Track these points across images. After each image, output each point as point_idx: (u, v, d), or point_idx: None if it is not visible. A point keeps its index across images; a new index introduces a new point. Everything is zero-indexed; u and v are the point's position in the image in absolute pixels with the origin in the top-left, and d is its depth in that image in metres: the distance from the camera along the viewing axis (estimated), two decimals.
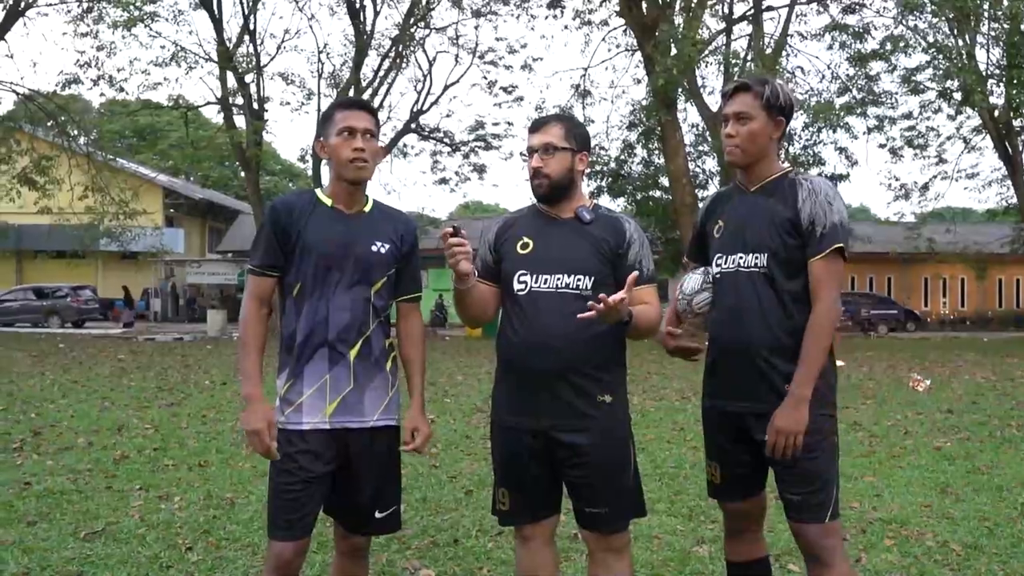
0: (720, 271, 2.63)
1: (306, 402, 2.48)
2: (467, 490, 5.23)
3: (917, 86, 25.75)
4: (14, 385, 10.68)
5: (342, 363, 2.49)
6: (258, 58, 23.52)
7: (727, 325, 2.59)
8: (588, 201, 2.66)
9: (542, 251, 2.57)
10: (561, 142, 2.58)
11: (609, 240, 2.56)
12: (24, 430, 7.19)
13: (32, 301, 29.58)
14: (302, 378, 2.49)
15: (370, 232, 2.57)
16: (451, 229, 2.42)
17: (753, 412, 2.53)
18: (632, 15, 21.50)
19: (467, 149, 27.63)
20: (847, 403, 9.53)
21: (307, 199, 2.59)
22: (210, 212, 40.83)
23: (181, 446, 6.57)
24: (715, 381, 2.68)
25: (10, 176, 24.36)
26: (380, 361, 2.56)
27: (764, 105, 2.52)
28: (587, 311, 2.44)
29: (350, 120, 2.53)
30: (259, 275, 2.55)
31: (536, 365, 2.49)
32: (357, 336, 2.51)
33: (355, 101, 2.67)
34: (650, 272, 2.60)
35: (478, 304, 2.62)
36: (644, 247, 2.61)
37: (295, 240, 2.51)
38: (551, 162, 2.57)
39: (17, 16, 23.82)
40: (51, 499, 4.87)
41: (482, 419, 8.12)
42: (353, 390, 2.50)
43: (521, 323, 2.53)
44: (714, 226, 2.70)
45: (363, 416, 2.52)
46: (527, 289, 2.54)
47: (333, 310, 2.48)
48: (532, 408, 2.50)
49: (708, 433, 2.76)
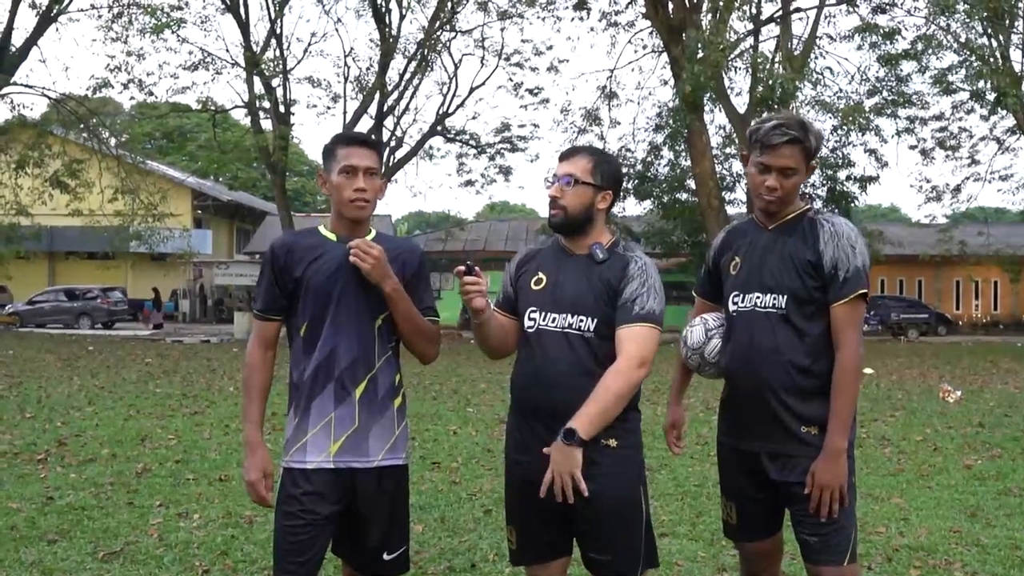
0: (736, 309, 2.58)
1: (311, 440, 2.45)
2: (486, 509, 5.18)
3: (949, 86, 25.39)
4: (43, 391, 10.81)
5: (347, 402, 2.46)
6: (284, 62, 23.65)
7: (742, 364, 2.55)
8: (608, 239, 2.56)
9: (553, 289, 2.52)
10: (585, 176, 2.50)
11: (612, 280, 2.47)
12: (50, 440, 7.26)
13: (63, 302, 30.00)
14: (308, 416, 2.46)
15: None
16: (464, 268, 2.39)
17: (767, 452, 2.51)
18: (659, 17, 21.32)
19: (493, 151, 27.63)
20: (876, 414, 9.40)
21: (307, 236, 2.57)
22: (238, 214, 41.20)
23: (203, 458, 6.59)
24: (729, 418, 2.65)
25: (42, 179, 24.74)
26: (386, 400, 2.52)
27: (807, 157, 2.49)
28: (590, 351, 2.42)
29: (352, 158, 2.48)
30: (262, 319, 2.54)
31: (540, 404, 2.45)
32: (363, 373, 2.47)
33: (357, 137, 2.60)
34: (643, 310, 2.41)
35: (496, 336, 2.58)
36: (646, 286, 2.44)
37: (298, 279, 2.48)
38: (570, 195, 2.50)
39: (49, 22, 24.15)
40: (72, 515, 4.89)
41: (504, 431, 8.06)
42: (357, 430, 2.46)
43: (528, 359, 2.51)
44: (730, 262, 2.64)
45: (368, 456, 2.47)
46: (535, 326, 2.50)
47: (340, 347, 2.45)
48: (537, 447, 2.43)
49: (723, 470, 2.71)
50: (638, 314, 2.42)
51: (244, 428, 2.52)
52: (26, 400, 9.84)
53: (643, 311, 2.42)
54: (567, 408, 2.37)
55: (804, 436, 2.46)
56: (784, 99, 19.24)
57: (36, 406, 9.37)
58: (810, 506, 2.41)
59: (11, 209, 24.85)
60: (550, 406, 2.42)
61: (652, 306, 2.43)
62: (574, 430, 2.29)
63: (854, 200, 26.40)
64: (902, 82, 23.61)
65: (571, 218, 2.51)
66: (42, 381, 11.98)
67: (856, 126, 20.29)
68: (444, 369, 13.97)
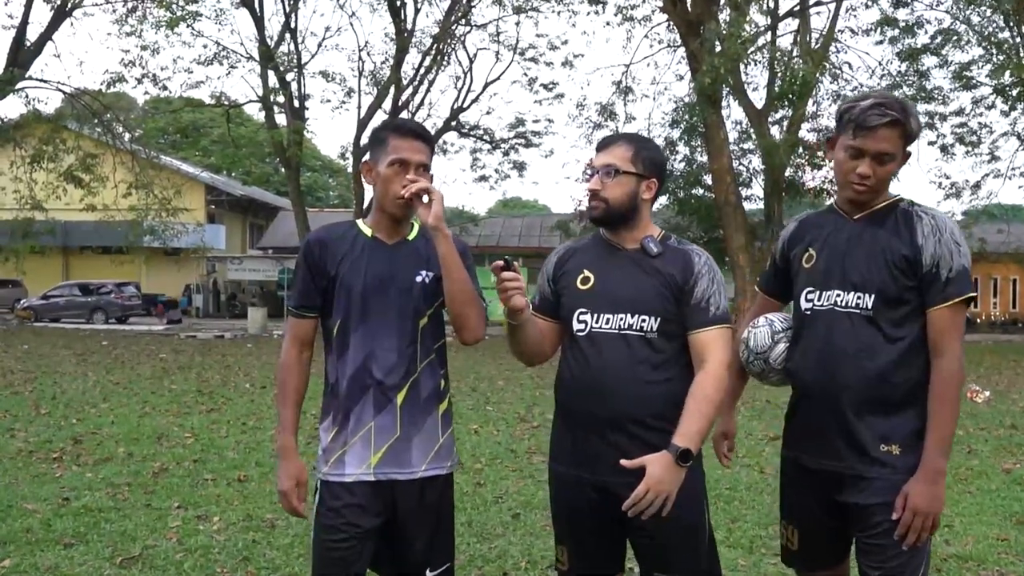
0: (811, 308, 2.32)
1: (350, 452, 2.29)
2: (514, 513, 5.02)
3: (969, 81, 25.05)
4: (58, 387, 10.71)
5: (388, 408, 2.28)
6: (299, 56, 23.54)
7: (815, 370, 2.29)
8: (657, 231, 2.39)
9: (604, 287, 2.32)
10: (626, 165, 2.32)
11: (676, 275, 2.29)
12: (65, 437, 7.14)
13: (78, 297, 30.00)
14: (347, 426, 2.30)
15: (413, 261, 2.36)
16: (502, 262, 2.19)
17: (840, 471, 2.25)
18: (676, 11, 21.09)
19: (507, 146, 27.46)
20: None
21: (343, 231, 2.39)
22: (251, 209, 41.17)
23: (220, 457, 6.45)
24: (797, 430, 2.40)
25: (57, 174, 24.73)
26: (430, 405, 2.35)
27: (905, 142, 2.25)
28: (652, 353, 2.24)
29: (404, 151, 2.29)
30: (297, 316, 2.38)
31: (594, 412, 2.25)
32: (404, 378, 2.30)
33: (412, 128, 2.36)
34: (719, 311, 2.29)
35: (533, 341, 2.38)
36: (715, 283, 2.30)
37: (333, 277, 2.32)
38: (611, 186, 2.31)
39: (64, 16, 24.11)
40: (89, 517, 4.76)
41: (526, 430, 7.92)
42: (400, 439, 2.29)
43: (579, 365, 2.30)
44: (803, 255, 2.38)
45: (411, 467, 2.30)
46: (587, 329, 2.30)
47: (378, 350, 2.28)
48: (592, 459, 2.26)
49: (786, 489, 2.47)
50: (715, 316, 2.27)
51: (278, 434, 2.38)
52: (41, 396, 9.74)
53: (719, 312, 2.28)
54: (628, 416, 2.21)
55: (883, 456, 2.21)
56: (803, 93, 19.01)
57: (51, 402, 9.27)
58: (897, 531, 2.16)
59: (26, 204, 24.84)
60: (609, 415, 2.24)
61: (724, 304, 2.31)
62: (689, 451, 2.13)
63: None
64: (923, 77, 23.30)
65: (614, 211, 2.32)
66: (56, 377, 11.90)
67: None
68: (461, 366, 13.82)
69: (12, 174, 24.30)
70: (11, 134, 24.75)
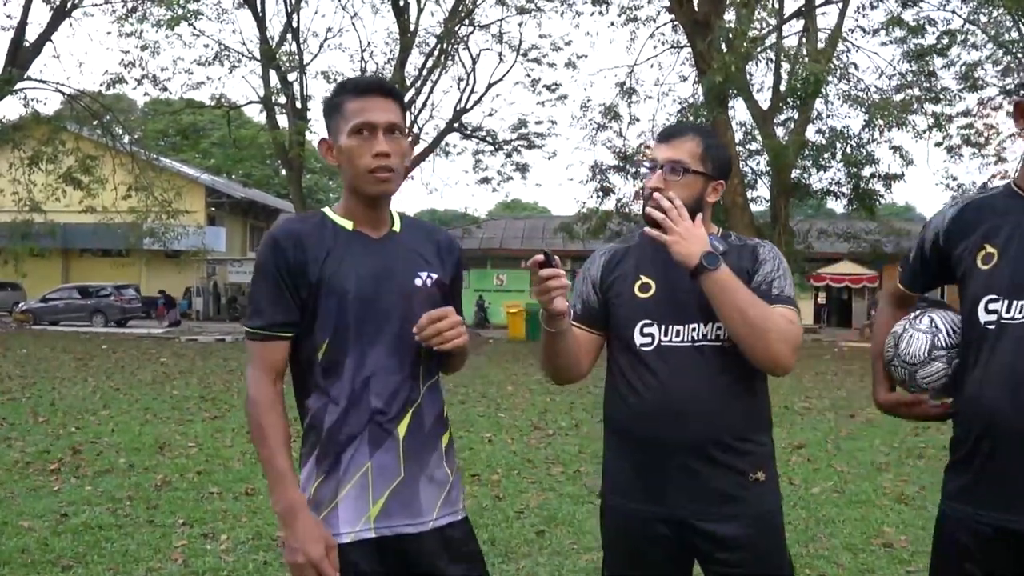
0: (997, 321, 1.81)
1: (343, 503, 1.80)
2: (538, 530, 4.75)
3: (976, 82, 24.83)
4: (56, 392, 10.44)
5: (388, 444, 1.81)
6: (301, 56, 23.31)
7: (1009, 399, 1.76)
8: (715, 228, 2.11)
9: (669, 294, 2.01)
10: (695, 163, 2.01)
11: (747, 268, 2.01)
12: (64, 447, 6.87)
13: (77, 300, 29.71)
14: (336, 470, 1.81)
15: (409, 259, 1.91)
16: (542, 257, 1.81)
17: None
18: (682, 10, 20.87)
19: (510, 148, 27.24)
20: (937, 424, 8.90)
21: (315, 223, 1.88)
22: (251, 211, 40.91)
23: (226, 469, 6.18)
24: (978, 479, 1.83)
25: (56, 175, 24.48)
26: (433, 437, 1.90)
27: None
28: (730, 364, 1.95)
29: (368, 112, 1.81)
30: (267, 339, 1.82)
31: (670, 438, 1.95)
32: (406, 406, 1.84)
33: (371, 83, 1.88)
34: (783, 293, 1.98)
35: (570, 354, 2.03)
36: (780, 268, 2.02)
37: (316, 283, 1.81)
38: (676, 186, 1.99)
39: (63, 16, 23.88)
40: (88, 536, 4.48)
41: (541, 439, 7.65)
42: (405, 481, 1.83)
43: (647, 386, 1.98)
44: (977, 251, 1.87)
45: (421, 516, 1.85)
46: (654, 343, 1.99)
47: (375, 372, 1.82)
48: (665, 492, 1.97)
49: (949, 555, 1.89)
50: (778, 296, 1.97)
51: (273, 491, 1.78)
52: (39, 403, 9.46)
53: (782, 294, 1.98)
54: (711, 439, 1.95)
55: None
56: (813, 92, 18.75)
57: (49, 409, 8.99)
58: None
59: (24, 206, 24.60)
60: (689, 439, 1.95)
61: (790, 291, 2.00)
62: (716, 256, 1.90)
63: (879, 198, 25.84)
64: (932, 76, 23.09)
65: None
66: (55, 382, 11.62)
67: (893, 120, 19.74)
68: (466, 371, 13.55)
69: (11, 176, 24.05)
70: (10, 135, 24.51)
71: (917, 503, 5.44)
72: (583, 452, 7.01)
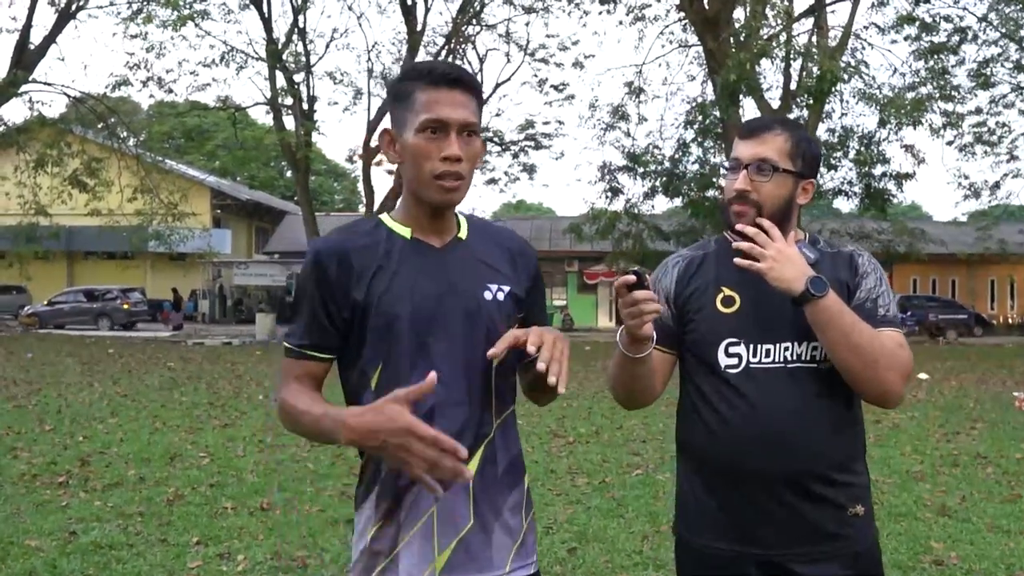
0: None
1: (404, 552, 1.57)
2: (570, 547, 4.53)
3: (988, 80, 24.58)
4: (63, 399, 10.24)
5: (456, 487, 1.53)
6: (307, 57, 23.13)
7: None
8: (803, 234, 1.89)
9: (756, 309, 1.79)
10: (784, 160, 1.79)
11: (846, 281, 1.80)
12: (72, 458, 6.66)
13: (83, 303, 29.56)
14: (397, 514, 1.58)
15: (477, 270, 1.65)
16: (632, 276, 1.59)
17: None
18: (692, 8, 20.64)
19: (517, 148, 27.04)
20: (957, 427, 8.69)
21: (367, 233, 1.64)
22: (257, 213, 40.79)
23: (239, 481, 5.97)
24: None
25: (61, 178, 24.36)
26: (509, 477, 1.65)
27: None
28: (828, 389, 1.74)
29: (442, 107, 1.55)
30: (300, 357, 1.62)
31: (763, 470, 1.74)
32: (476, 441, 1.58)
33: (448, 72, 1.59)
34: (890, 314, 1.80)
35: (647, 378, 1.81)
36: (883, 282, 1.82)
37: (362, 303, 1.58)
38: (765, 186, 1.78)
39: (68, 18, 23.75)
40: (98, 556, 4.27)
41: (562, 447, 7.43)
42: (475, 529, 1.59)
43: (734, 411, 1.76)
44: None
45: (491, 570, 1.61)
46: (742, 364, 1.77)
47: (440, 403, 1.56)
48: (756, 530, 1.76)
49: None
50: (885, 317, 1.78)
51: (338, 432, 1.45)
52: (45, 411, 9.26)
53: (888, 314, 1.78)
54: (809, 472, 1.74)
55: None
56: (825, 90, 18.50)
57: (56, 417, 8.79)
58: None
59: (30, 208, 24.47)
60: (785, 472, 1.73)
61: (895, 310, 1.81)
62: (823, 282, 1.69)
63: (891, 198, 25.57)
64: (945, 74, 22.83)
65: (767, 218, 1.78)
66: (62, 388, 11.43)
67: (909, 119, 19.49)
68: None
69: (16, 179, 23.94)
70: (15, 138, 24.40)
71: (961, 516, 5.22)
72: (606, 461, 6.80)
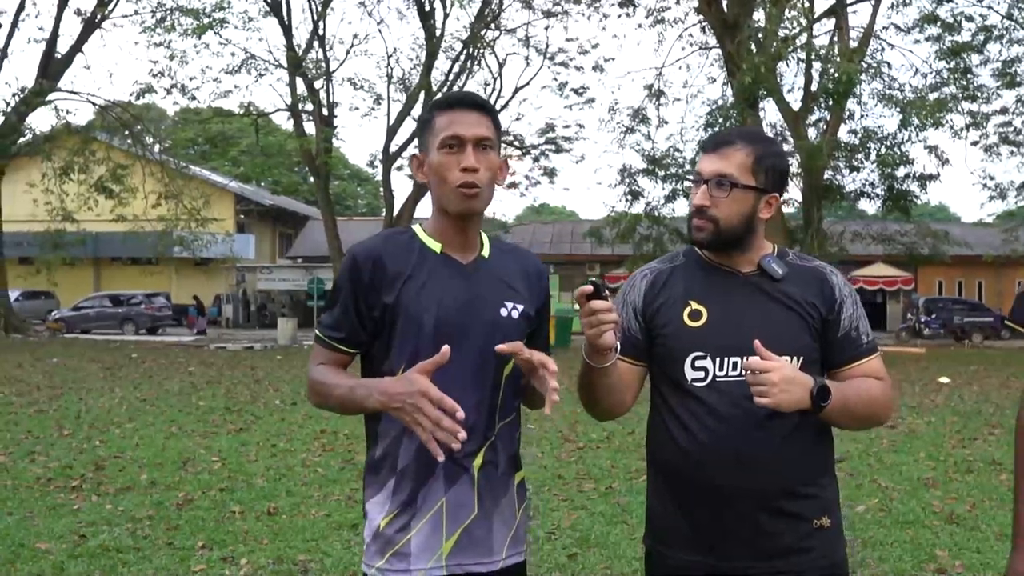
0: None
1: (416, 540, 1.74)
2: (570, 553, 4.54)
3: (1014, 79, 24.27)
4: (83, 404, 10.40)
5: (464, 480, 1.75)
6: (327, 63, 23.33)
7: None
8: (771, 247, 1.89)
9: (724, 323, 1.79)
10: (745, 176, 1.79)
11: (815, 303, 1.81)
12: (87, 462, 6.77)
13: (108, 308, 29.98)
14: (412, 505, 1.75)
15: (496, 288, 1.81)
16: (590, 287, 1.66)
17: None
18: (711, 11, 20.61)
19: (537, 152, 27.09)
20: (974, 433, 8.59)
21: (401, 243, 1.80)
22: (280, 218, 41.13)
23: (249, 485, 6.04)
24: None
25: (87, 185, 24.75)
26: (507, 475, 1.82)
27: None
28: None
29: (457, 125, 1.74)
30: (329, 348, 1.81)
31: (729, 485, 1.75)
32: (481, 442, 1.76)
33: (462, 97, 1.82)
34: (870, 339, 1.84)
35: (615, 390, 1.83)
36: (857, 303, 1.85)
37: (392, 305, 1.74)
38: (724, 202, 1.78)
39: (93, 28, 24.15)
40: (106, 559, 4.35)
41: (572, 452, 7.44)
42: (478, 518, 1.76)
43: (701, 426, 1.77)
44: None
45: (491, 555, 1.78)
46: (708, 378, 1.78)
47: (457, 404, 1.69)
48: (723, 543, 1.77)
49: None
50: (868, 344, 1.84)
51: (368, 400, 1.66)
52: (65, 416, 9.41)
53: (870, 339, 1.84)
54: (777, 487, 1.75)
55: None
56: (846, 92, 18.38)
57: (75, 422, 8.93)
58: None
59: (57, 215, 24.88)
60: (754, 487, 1.75)
61: (869, 328, 1.87)
62: (828, 390, 1.67)
63: (914, 200, 25.30)
64: (968, 73, 22.58)
65: (725, 233, 1.80)
66: (83, 393, 11.60)
67: (929, 119, 19.30)
68: None
69: (43, 186, 24.35)
70: (42, 146, 24.83)
71: (969, 523, 5.17)
72: (615, 466, 6.80)
